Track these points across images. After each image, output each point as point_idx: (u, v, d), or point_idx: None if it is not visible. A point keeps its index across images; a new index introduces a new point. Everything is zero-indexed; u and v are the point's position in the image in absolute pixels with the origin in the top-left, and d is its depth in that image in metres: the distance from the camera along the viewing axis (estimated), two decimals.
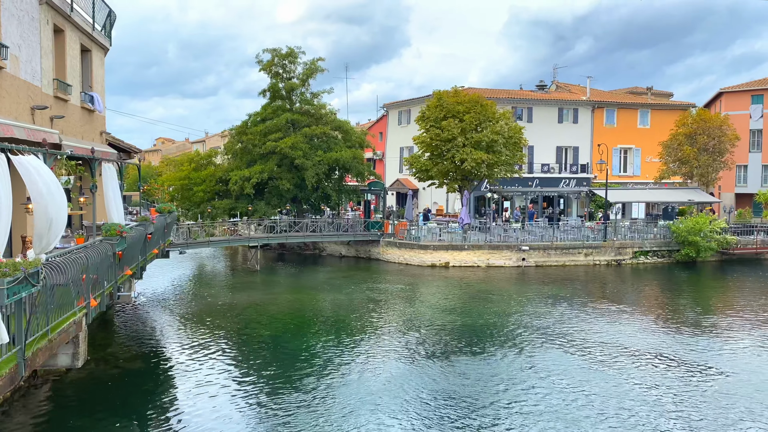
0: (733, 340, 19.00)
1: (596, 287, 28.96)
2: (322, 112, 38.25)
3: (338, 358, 16.96)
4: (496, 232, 35.90)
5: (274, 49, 37.54)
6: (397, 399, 13.79)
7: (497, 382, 14.91)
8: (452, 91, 37.18)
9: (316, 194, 37.59)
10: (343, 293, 26.33)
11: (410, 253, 34.37)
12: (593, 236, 36.37)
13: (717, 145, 41.19)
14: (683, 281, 31.08)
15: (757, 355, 17.40)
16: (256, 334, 19.65)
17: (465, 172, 35.18)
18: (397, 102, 50.65)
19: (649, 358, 16.96)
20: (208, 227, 33.93)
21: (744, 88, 52.69)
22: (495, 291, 27.28)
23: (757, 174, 51.08)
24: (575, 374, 15.46)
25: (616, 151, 47.10)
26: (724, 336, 19.52)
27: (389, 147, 51.18)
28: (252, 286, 28.45)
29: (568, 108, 46.74)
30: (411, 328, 20.50)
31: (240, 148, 38.54)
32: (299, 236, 35.31)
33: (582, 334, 19.51)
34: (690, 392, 14.28)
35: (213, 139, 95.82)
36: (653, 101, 51.05)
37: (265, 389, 14.50)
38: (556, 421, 12.55)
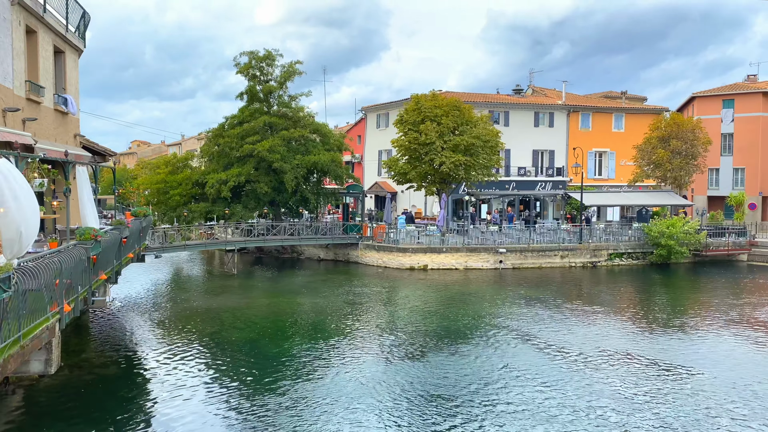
0: (705, 340, 19.34)
1: (572, 289, 29.29)
2: (300, 115, 38.15)
3: (316, 360, 16.92)
4: (473, 235, 36.13)
5: (251, 52, 37.41)
6: (374, 400, 13.80)
7: (474, 382, 14.99)
8: (430, 94, 37.38)
9: (295, 197, 37.46)
10: (321, 297, 26.27)
11: (389, 256, 34.42)
12: (569, 239, 36.78)
13: (690, 149, 41.95)
14: (657, 283, 31.56)
15: (729, 354, 17.73)
16: (233, 338, 19.51)
17: (443, 175, 35.36)
18: (376, 105, 50.73)
19: (623, 358, 17.20)
20: (184, 231, 33.62)
21: (716, 93, 53.75)
22: (473, 293, 27.43)
23: (729, 177, 52.09)
24: (551, 374, 15.61)
25: (591, 155, 47.68)
26: (696, 336, 19.86)
27: (368, 150, 51.22)
28: (229, 290, 28.26)
29: (544, 112, 47.22)
30: (389, 330, 20.52)
31: (217, 151, 38.26)
32: (277, 240, 35.15)
33: (557, 335, 19.71)
34: (663, 391, 14.51)
35: (189, 141, 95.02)
36: (627, 105, 51.82)
37: (242, 393, 14.41)
38: (532, 420, 12.66)
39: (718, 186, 52.58)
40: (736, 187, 50.90)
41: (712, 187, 52.99)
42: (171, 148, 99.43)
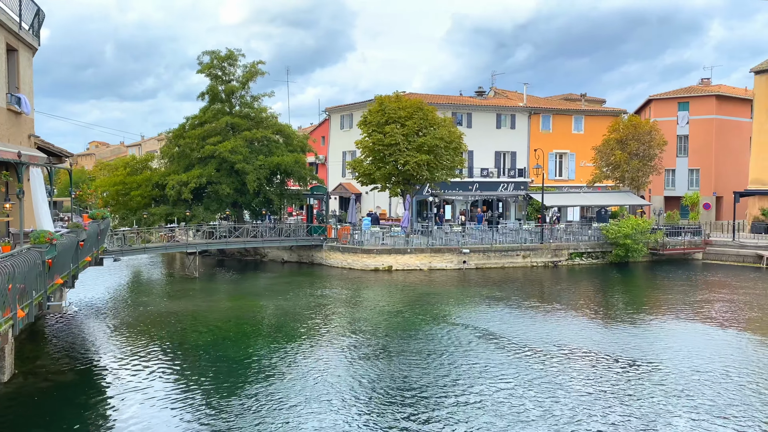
0: (663, 335, 19.82)
1: (533, 288, 29.70)
2: (262, 115, 37.82)
3: (280, 362, 16.79)
4: (438, 236, 36.34)
5: (213, 51, 36.94)
6: (339, 399, 13.76)
7: (439, 380, 15.07)
8: (394, 96, 37.45)
9: (258, 199, 37.10)
10: (285, 299, 26.08)
11: (353, 257, 34.37)
12: (531, 239, 37.30)
13: (647, 151, 42.99)
14: (616, 281, 32.24)
15: (686, 347, 18.18)
16: (195, 342, 19.22)
17: (407, 175, 35.48)
18: (339, 106, 50.61)
19: (585, 354, 17.52)
20: (144, 233, 33.00)
21: (671, 96, 55.22)
22: (437, 293, 27.59)
23: (684, 177, 53.57)
24: (514, 371, 15.80)
25: (551, 156, 48.44)
26: (655, 331, 20.35)
27: (332, 151, 51.06)
28: (190, 293, 27.83)
29: (506, 114, 47.80)
30: (353, 331, 20.49)
31: (177, 152, 37.64)
32: (239, 242, 34.76)
33: (520, 333, 19.97)
34: (624, 385, 14.82)
35: (149, 142, 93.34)
36: (587, 107, 52.81)
37: (204, 397, 14.20)
38: (496, 417, 12.79)
39: (674, 186, 54.02)
40: (691, 188, 52.37)
41: (669, 188, 54.41)
42: (130, 149, 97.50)
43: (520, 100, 49.43)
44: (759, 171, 43.37)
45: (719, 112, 52.50)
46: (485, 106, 47.64)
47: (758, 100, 43.68)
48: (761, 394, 14.43)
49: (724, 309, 24.66)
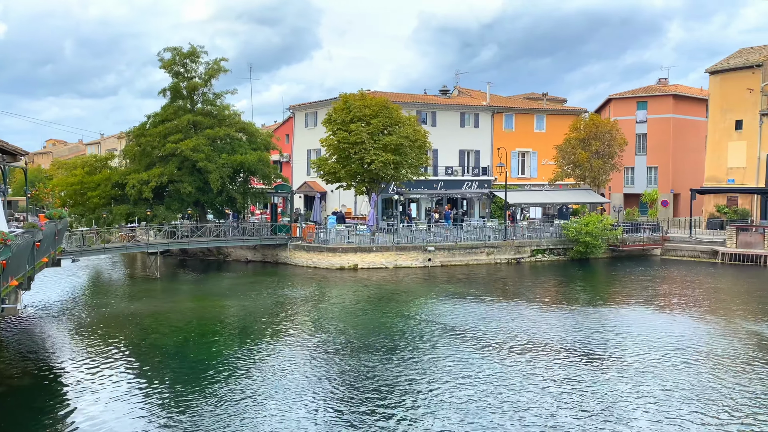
0: (623, 328, 20.24)
1: (497, 285, 30.03)
2: (225, 113, 37.34)
3: (244, 363, 16.63)
4: (403, 234, 36.44)
5: (174, 48, 36.31)
6: (304, 398, 13.71)
7: (405, 376, 15.13)
8: (359, 94, 37.41)
9: (220, 198, 36.63)
10: (249, 299, 25.83)
11: (319, 256, 34.23)
12: (494, 236, 37.70)
13: (607, 149, 43.86)
14: (577, 277, 32.82)
15: (644, 341, 18.62)
16: (157, 343, 18.91)
17: (372, 174, 35.50)
18: (303, 104, 50.33)
19: (547, 348, 17.79)
20: (103, 233, 32.28)
21: (630, 95, 56.45)
22: (402, 291, 27.68)
23: (643, 175, 54.83)
24: (480, 366, 15.96)
25: (514, 155, 49.02)
26: (615, 325, 20.77)
27: (296, 149, 50.74)
28: (152, 294, 27.35)
29: (470, 113, 48.19)
30: (319, 330, 20.43)
31: (138, 151, 36.92)
32: (202, 241, 34.30)
33: (484, 328, 20.17)
34: (586, 376, 15.10)
35: (109, 140, 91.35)
36: (548, 107, 53.61)
37: (167, 398, 13.98)
38: (461, 412, 12.90)
39: (634, 184, 55.24)
40: (649, 185, 53.61)
41: (628, 185, 55.62)
42: (89, 148, 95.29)
43: (484, 99, 49.90)
44: (714, 169, 44.67)
45: (676, 111, 53.89)
46: (449, 105, 47.95)
47: (713, 99, 44.96)
48: (719, 379, 14.87)
49: (681, 303, 25.33)
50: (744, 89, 42.56)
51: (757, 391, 14.43)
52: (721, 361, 16.76)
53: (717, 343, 18.81)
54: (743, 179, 42.83)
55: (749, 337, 19.61)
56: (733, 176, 43.48)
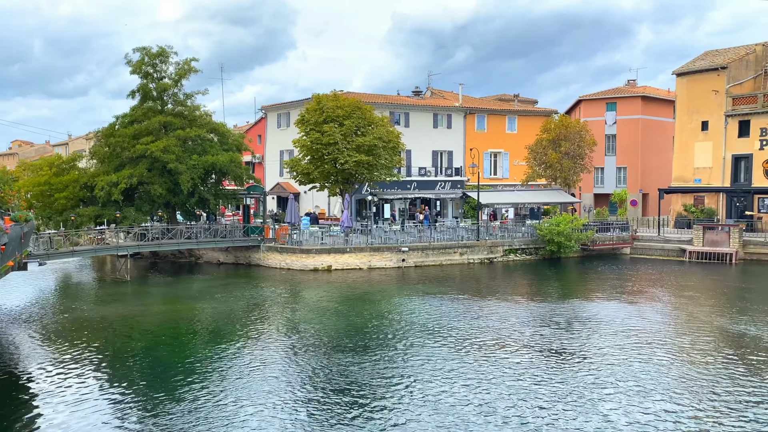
0: (593, 326, 20.52)
1: (470, 284, 30.22)
2: (196, 114, 36.92)
3: (217, 366, 16.46)
4: (377, 234, 36.45)
5: (143, 48, 35.79)
6: (278, 400, 13.64)
7: (379, 376, 15.14)
8: (332, 95, 37.36)
9: (192, 199, 36.21)
10: (221, 301, 25.58)
11: (292, 257, 34.05)
12: (467, 236, 37.93)
13: (577, 150, 44.46)
14: (549, 276, 33.19)
15: (613, 338, 18.91)
16: (127, 347, 18.62)
17: (346, 174, 35.45)
18: (276, 104, 50.05)
19: (520, 347, 17.96)
20: (72, 236, 31.66)
21: (600, 96, 57.31)
22: (377, 292, 27.68)
23: (612, 176, 55.71)
24: (453, 365, 16.03)
25: (486, 155, 49.40)
26: (585, 323, 21.05)
27: (269, 150, 50.43)
28: (122, 297, 26.92)
29: (443, 114, 48.43)
30: (293, 332, 20.33)
31: (107, 152, 36.31)
32: (173, 243, 33.86)
33: (458, 328, 20.27)
34: (557, 374, 15.28)
35: (77, 141, 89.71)
36: (520, 108, 54.15)
37: (138, 403, 13.78)
38: (435, 410, 12.95)
39: (603, 184, 56.09)
40: (619, 185, 54.48)
41: (598, 185, 56.46)
42: (57, 149, 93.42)
43: (456, 101, 50.19)
44: (681, 169, 45.58)
45: (644, 112, 54.87)
46: (422, 105, 48.13)
47: (680, 101, 45.88)
48: (684, 372, 15.18)
49: (649, 300, 25.79)
50: (710, 91, 43.54)
51: (723, 383, 14.76)
52: (687, 355, 17.10)
53: (683, 338, 19.19)
54: (709, 179, 43.79)
55: (714, 332, 20.05)
56: (699, 176, 44.42)
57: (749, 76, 44.01)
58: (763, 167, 41.02)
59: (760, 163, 41.12)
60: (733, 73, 43.22)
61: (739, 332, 20.04)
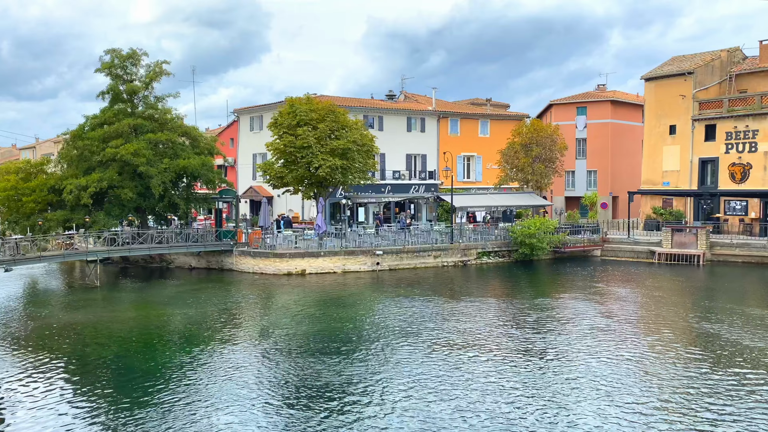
0: (565, 329, 20.75)
1: (445, 287, 30.33)
2: (167, 117, 36.49)
3: (189, 372, 16.26)
4: (351, 238, 36.41)
5: (113, 50, 35.30)
6: (253, 404, 13.52)
7: (353, 380, 15.10)
8: (305, 98, 37.25)
9: (163, 203, 35.76)
10: (193, 307, 25.28)
11: (265, 261, 33.82)
12: (441, 239, 38.10)
13: (548, 154, 45.00)
14: (521, 278, 33.50)
15: (586, 341, 19.15)
16: (97, 355, 18.29)
17: (320, 178, 35.37)
18: (249, 107, 49.75)
19: (493, 349, 18.08)
20: (39, 241, 31.02)
21: (570, 101, 58.09)
22: (351, 296, 27.63)
23: (583, 179, 56.49)
24: (428, 368, 16.06)
25: (460, 159, 49.72)
26: (557, 325, 21.27)
27: (241, 153, 50.07)
28: (91, 303, 26.44)
29: (416, 117, 48.64)
30: (267, 337, 20.18)
31: (76, 155, 35.67)
32: (144, 248, 33.38)
33: (431, 331, 20.33)
34: (530, 378, 15.41)
35: (45, 145, 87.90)
36: (492, 112, 54.63)
37: (109, 410, 13.54)
38: (409, 412, 12.96)
39: (574, 187, 56.85)
40: (589, 188, 55.28)
41: (569, 188, 57.19)
42: (24, 152, 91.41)
43: (430, 104, 50.45)
44: (650, 172, 46.42)
45: (614, 116, 55.77)
46: (396, 109, 48.27)
47: (648, 105, 46.75)
48: (652, 373, 15.44)
49: (619, 300, 26.19)
50: (677, 96, 44.45)
51: (690, 380, 15.05)
52: (655, 354, 17.40)
53: (651, 337, 19.52)
54: (677, 182, 44.67)
55: (681, 332, 20.45)
56: (668, 179, 45.28)
57: (715, 81, 45.04)
58: (728, 170, 41.99)
59: (726, 166, 42.09)
60: (699, 78, 44.19)
61: (705, 331, 20.46)
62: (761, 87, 43.43)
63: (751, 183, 40.98)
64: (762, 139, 40.60)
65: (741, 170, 41.45)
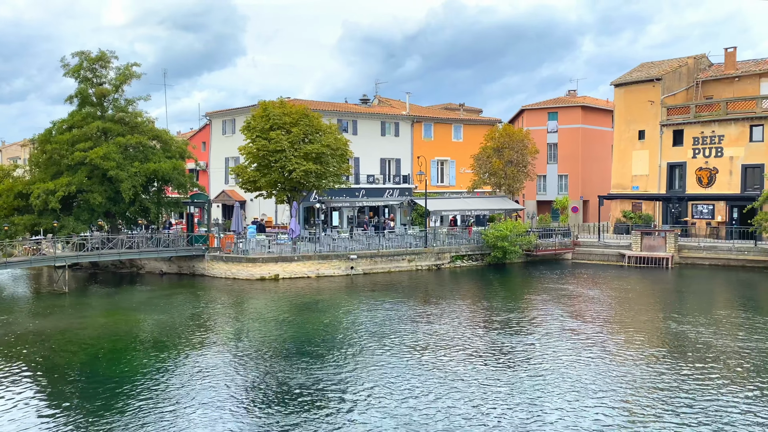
0: (536, 331, 20.95)
1: (419, 291, 30.41)
2: (137, 120, 35.97)
3: (160, 378, 16.01)
4: (325, 242, 36.28)
5: (82, 52, 34.72)
6: (224, 410, 13.36)
7: (328, 385, 15.03)
8: (278, 102, 37.05)
9: (133, 208, 35.21)
10: (164, 313, 24.92)
11: (238, 266, 33.51)
12: (415, 243, 38.20)
13: (520, 158, 45.47)
14: (494, 281, 33.74)
15: (557, 343, 19.35)
16: (65, 362, 17.91)
17: (294, 182, 35.19)
18: (221, 111, 49.32)
19: (465, 352, 18.16)
20: (5, 247, 30.30)
21: (542, 106, 58.82)
22: (325, 300, 27.53)
23: (554, 183, 57.19)
24: (402, 372, 16.07)
25: (433, 163, 49.95)
26: (528, 327, 21.47)
27: (213, 157, 49.59)
28: (59, 310, 25.90)
29: (390, 122, 48.75)
30: (238, 342, 19.99)
31: (44, 159, 34.95)
32: (113, 253, 32.82)
33: (405, 334, 20.34)
34: (502, 380, 15.51)
35: (11, 148, 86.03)
36: (465, 117, 55.02)
37: (77, 419, 13.25)
38: (384, 417, 12.94)
39: (546, 191, 57.52)
40: (561, 192, 55.97)
41: (541, 192, 57.85)
42: None
43: (404, 109, 50.60)
44: (620, 176, 47.19)
45: (584, 121, 56.61)
46: (370, 113, 48.31)
47: (618, 110, 47.55)
48: (622, 374, 15.66)
49: (589, 302, 26.54)
50: (646, 101, 45.30)
51: (659, 379, 15.31)
52: (625, 355, 17.66)
53: (620, 338, 19.83)
54: (646, 186, 45.48)
55: (649, 333, 20.81)
56: (637, 183, 46.08)
57: (682, 87, 46.02)
58: (696, 175, 42.89)
59: (693, 170, 42.99)
60: (667, 84, 45.10)
61: (673, 332, 20.83)
62: (726, 93, 44.52)
63: (717, 187, 41.92)
64: (727, 144, 41.58)
65: (708, 174, 42.37)
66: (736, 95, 43.50)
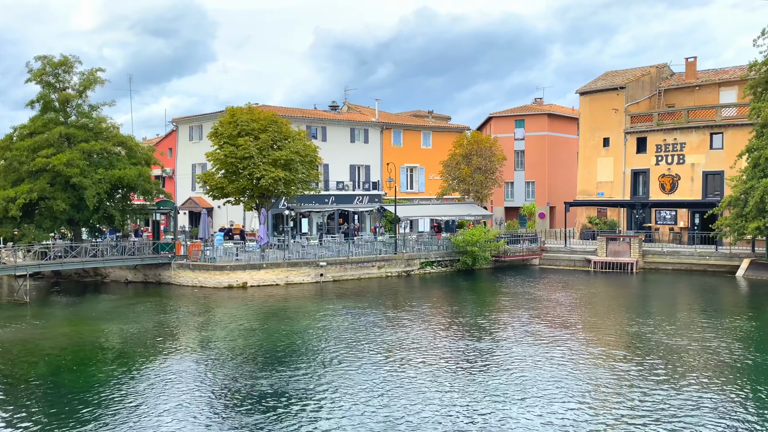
0: (504, 336, 21.11)
1: (389, 298, 30.40)
2: (102, 126, 35.28)
3: (126, 389, 15.67)
4: (294, 249, 36.06)
5: (44, 57, 33.97)
6: (191, 419, 13.13)
7: (295, 392, 14.91)
8: (246, 108, 36.79)
9: (97, 215, 34.49)
10: (129, 322, 24.43)
11: (205, 274, 33.07)
12: (385, 249, 38.22)
13: (488, 165, 45.93)
14: (463, 287, 33.95)
15: (525, 348, 19.53)
16: (26, 374, 17.41)
17: (262, 189, 34.92)
18: (188, 117, 48.78)
19: (434, 358, 18.20)
20: None
21: (509, 114, 59.53)
22: (294, 308, 27.33)
23: (522, 189, 57.87)
24: (369, 378, 16.02)
25: (403, 170, 50.14)
26: (496, 333, 21.63)
27: (180, 164, 48.96)
28: (20, 320, 25.19)
29: (360, 128, 48.80)
30: (205, 351, 19.71)
31: (3, 166, 34.04)
32: (77, 262, 32.09)
33: (373, 341, 20.31)
34: (470, 386, 15.58)
35: None
36: (434, 124, 55.40)
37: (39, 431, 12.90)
38: (352, 423, 12.88)
39: (513, 198, 58.16)
40: (528, 199, 56.67)
41: (508, 199, 58.47)
42: None
43: (373, 116, 50.71)
44: (585, 183, 47.97)
45: (551, 129, 57.47)
46: (340, 120, 48.31)
47: (583, 118, 48.38)
48: (588, 377, 15.88)
49: (556, 307, 26.86)
50: (610, 109, 46.19)
51: (626, 382, 15.57)
52: (591, 358, 17.93)
53: (586, 342, 20.11)
54: (611, 192, 46.32)
55: (615, 336, 21.15)
56: (602, 190, 46.90)
57: (645, 95, 47.07)
58: (659, 181, 43.85)
59: (656, 177, 43.95)
60: (630, 92, 46.07)
61: (635, 334, 21.22)
62: (687, 102, 45.68)
63: (679, 193, 42.91)
64: (689, 152, 42.62)
65: (670, 181, 43.36)
66: (697, 104, 44.68)
